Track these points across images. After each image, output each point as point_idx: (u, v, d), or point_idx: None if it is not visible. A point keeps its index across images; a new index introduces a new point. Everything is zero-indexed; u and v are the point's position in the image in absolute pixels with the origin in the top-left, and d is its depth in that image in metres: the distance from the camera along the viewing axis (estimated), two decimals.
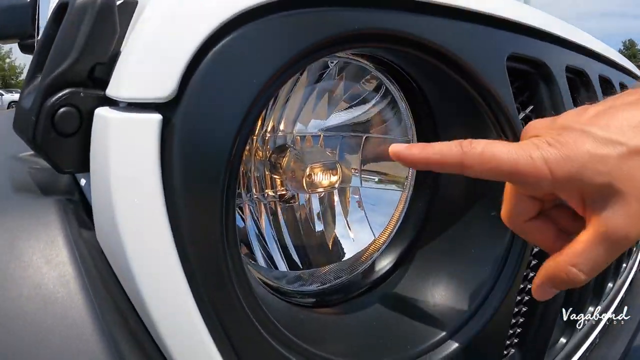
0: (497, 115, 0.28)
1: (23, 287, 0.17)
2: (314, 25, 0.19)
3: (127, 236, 0.18)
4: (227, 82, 0.18)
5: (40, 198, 0.23)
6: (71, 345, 0.16)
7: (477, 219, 0.30)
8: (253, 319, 0.20)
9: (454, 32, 0.26)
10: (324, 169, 0.29)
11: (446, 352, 0.27)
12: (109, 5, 0.20)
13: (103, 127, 0.19)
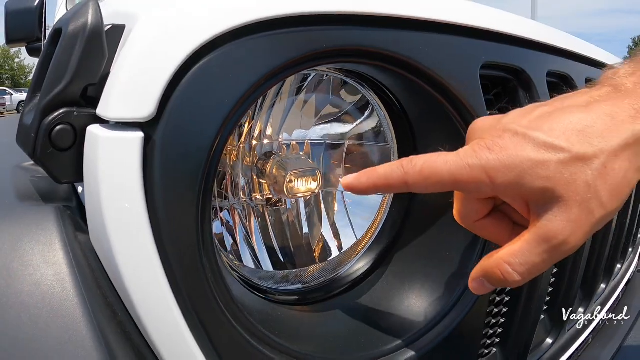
0: (468, 123, 0.30)
1: (24, 284, 0.20)
2: (280, 46, 0.22)
3: (114, 238, 0.21)
4: (201, 102, 0.21)
5: (40, 204, 0.26)
6: (65, 336, 0.19)
7: (451, 223, 0.32)
8: (226, 313, 0.22)
9: (423, 45, 0.28)
10: (304, 175, 0.32)
11: (419, 349, 0.30)
12: (98, 32, 0.23)
13: (94, 143, 0.22)
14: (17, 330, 0.19)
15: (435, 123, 0.32)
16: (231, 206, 0.35)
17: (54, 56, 0.24)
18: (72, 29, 0.24)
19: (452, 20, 0.29)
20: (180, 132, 0.21)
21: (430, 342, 0.30)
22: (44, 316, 0.20)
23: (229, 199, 0.34)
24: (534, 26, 0.40)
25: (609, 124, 0.20)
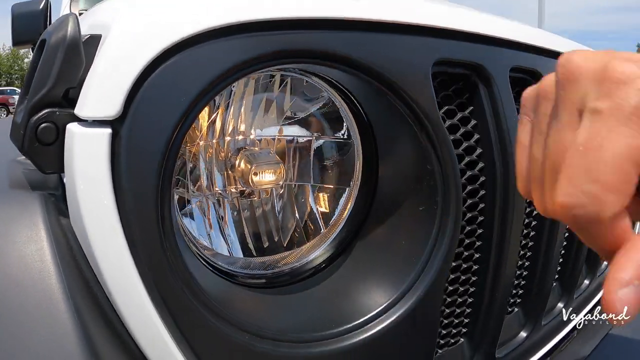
0: (420, 120, 0.33)
1: (10, 257, 0.25)
2: (227, 51, 0.26)
3: (87, 221, 0.25)
4: (160, 102, 0.25)
5: (29, 192, 0.31)
6: (42, 302, 0.24)
7: (408, 215, 0.36)
8: (185, 288, 0.26)
9: (373, 45, 0.31)
10: (267, 168, 0.36)
11: (373, 331, 0.33)
12: (76, 43, 0.28)
13: (71, 138, 0.26)
14: (2, 295, 0.23)
15: (391, 119, 0.35)
16: (205, 197, 0.39)
17: (39, 64, 0.29)
18: (53, 40, 0.28)
19: (401, 20, 0.32)
20: (143, 127, 0.25)
21: (384, 325, 0.33)
22: (25, 284, 0.24)
23: (203, 191, 0.38)
24: (496, 22, 0.43)
25: None
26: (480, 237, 0.40)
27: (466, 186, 0.38)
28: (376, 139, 0.37)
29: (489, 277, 0.41)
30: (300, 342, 0.31)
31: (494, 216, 0.39)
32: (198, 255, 0.33)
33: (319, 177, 0.41)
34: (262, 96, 0.37)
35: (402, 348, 0.35)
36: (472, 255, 0.41)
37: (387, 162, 0.37)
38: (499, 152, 0.39)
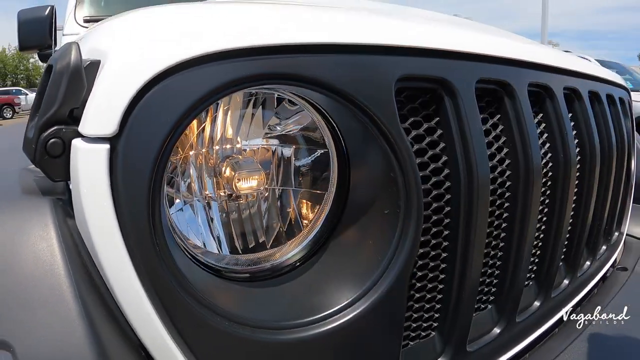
0: (382, 132, 0.37)
1: (24, 253, 0.30)
2: (204, 78, 0.31)
3: (90, 223, 0.30)
4: (150, 122, 0.30)
5: (40, 197, 0.36)
6: (51, 290, 0.29)
7: (375, 217, 0.40)
8: (172, 280, 0.31)
9: (335, 66, 0.35)
10: (250, 175, 0.41)
11: (342, 320, 0.38)
12: (78, 69, 0.33)
13: (76, 153, 0.32)
14: (16, 284, 0.29)
15: (359, 132, 0.40)
16: (197, 200, 0.44)
17: (47, 87, 0.34)
18: (59, 66, 0.33)
19: (363, 42, 0.37)
20: (135, 143, 0.30)
21: (352, 316, 0.38)
22: (37, 276, 0.29)
23: (194, 195, 0.43)
24: (461, 36, 0.47)
25: None
26: (446, 237, 0.45)
27: (432, 191, 0.43)
28: (348, 150, 0.42)
29: (455, 275, 0.46)
30: (277, 329, 0.36)
31: (459, 219, 0.44)
32: (188, 252, 0.38)
33: (300, 183, 0.46)
34: (246, 111, 0.42)
35: (369, 337, 0.39)
36: (440, 255, 0.45)
37: (358, 170, 0.41)
38: (463, 159, 0.43)
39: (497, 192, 0.50)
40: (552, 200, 0.62)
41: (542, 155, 0.59)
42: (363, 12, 0.45)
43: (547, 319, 0.70)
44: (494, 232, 0.52)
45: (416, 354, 0.48)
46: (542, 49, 0.65)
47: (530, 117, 0.52)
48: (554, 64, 0.62)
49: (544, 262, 0.65)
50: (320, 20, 0.37)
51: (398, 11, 0.63)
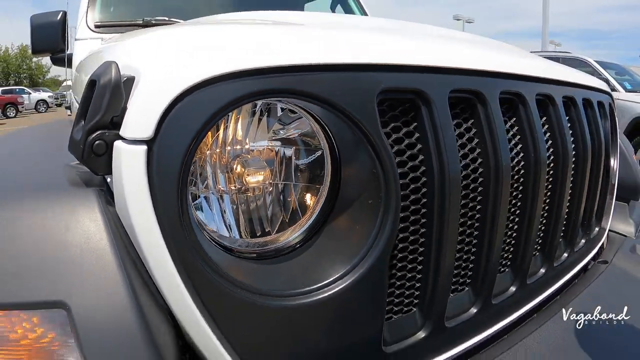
0: (366, 136, 0.45)
1: (77, 231, 0.38)
2: (219, 93, 0.38)
3: (131, 210, 0.38)
4: (178, 129, 0.38)
5: (85, 187, 0.44)
6: (99, 261, 0.37)
7: (361, 206, 0.48)
8: (197, 256, 0.39)
9: (328, 82, 0.43)
10: (257, 171, 0.48)
11: (334, 290, 0.46)
12: (118, 84, 0.41)
13: (117, 152, 0.39)
14: (70, 256, 0.37)
15: (348, 136, 0.48)
16: (211, 193, 0.51)
17: (93, 98, 0.42)
18: (102, 82, 0.41)
19: (350, 62, 0.44)
20: (167, 146, 0.38)
21: (342, 287, 0.46)
22: (87, 249, 0.37)
23: (210, 189, 0.51)
24: (438, 52, 0.54)
25: None
26: (423, 225, 0.53)
27: (410, 185, 0.51)
28: (339, 151, 0.49)
29: (432, 258, 0.54)
30: (280, 297, 0.44)
31: (433, 210, 0.51)
32: (207, 235, 0.46)
33: (300, 178, 0.54)
34: (254, 118, 0.50)
35: (356, 307, 0.47)
36: (417, 240, 0.53)
37: (347, 168, 0.49)
38: (437, 158, 0.51)
39: (469, 187, 0.58)
40: (525, 195, 0.70)
41: (515, 155, 0.67)
42: (351, 32, 0.53)
43: (523, 303, 0.77)
44: (468, 222, 0.60)
45: (399, 326, 0.55)
46: (517, 59, 0.72)
47: (501, 122, 0.60)
48: (526, 74, 0.70)
49: (518, 251, 0.73)
50: (313, 43, 0.45)
51: (388, 28, 0.70)
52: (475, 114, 0.58)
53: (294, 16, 0.70)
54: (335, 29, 0.56)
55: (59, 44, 1.77)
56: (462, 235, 0.59)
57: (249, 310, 0.42)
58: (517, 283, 0.75)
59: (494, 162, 0.58)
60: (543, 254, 0.84)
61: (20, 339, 0.38)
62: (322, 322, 0.46)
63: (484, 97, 0.58)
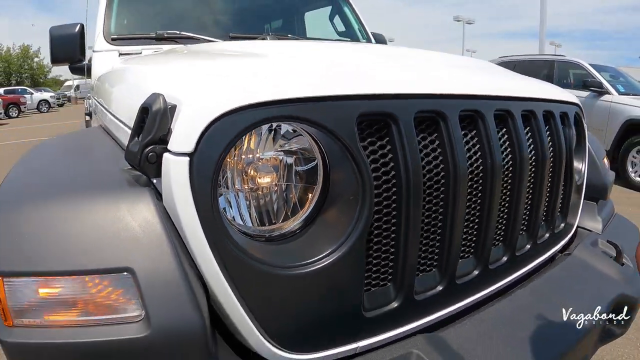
0: (347, 148, 0.61)
1: (137, 217, 0.54)
2: (240, 120, 0.54)
3: (177, 203, 0.54)
4: (212, 145, 0.53)
5: (139, 186, 0.60)
6: (156, 236, 0.52)
7: (344, 201, 0.63)
8: (225, 238, 0.54)
9: (319, 109, 0.59)
10: (266, 175, 0.64)
11: (324, 263, 0.61)
12: (165, 111, 0.56)
13: (166, 162, 0.55)
14: (134, 234, 0.52)
15: (335, 148, 0.63)
16: (231, 192, 0.67)
17: (147, 122, 0.57)
18: (154, 109, 0.57)
19: (337, 93, 0.60)
20: (204, 157, 0.53)
21: (330, 261, 0.61)
22: (146, 229, 0.53)
23: (230, 189, 0.67)
24: (407, 82, 0.70)
25: None
26: (393, 217, 0.68)
27: (382, 186, 0.66)
28: (328, 160, 0.65)
29: (400, 243, 0.69)
30: (284, 267, 0.59)
31: (401, 205, 0.67)
32: (229, 222, 0.61)
33: (299, 180, 0.69)
34: (263, 135, 0.65)
35: (341, 278, 0.62)
36: (389, 229, 0.69)
37: (334, 173, 0.65)
38: (404, 165, 0.66)
39: (432, 187, 0.73)
40: (484, 195, 0.85)
41: (474, 161, 0.82)
42: (338, 68, 0.69)
43: (486, 286, 0.92)
44: (432, 215, 0.75)
45: (376, 296, 0.71)
46: (482, 81, 0.88)
47: (459, 135, 0.75)
48: (485, 93, 0.85)
49: (479, 241, 0.88)
50: (309, 81, 0.60)
51: (364, 58, 0.86)
52: (438, 129, 0.74)
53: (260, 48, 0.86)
54: (325, 62, 0.72)
55: (76, 54, 1.92)
56: (426, 226, 0.74)
57: (261, 277, 0.57)
58: (479, 268, 0.90)
59: (452, 168, 0.74)
60: (505, 244, 0.98)
61: (97, 295, 0.54)
62: (315, 288, 0.61)
63: (445, 116, 0.74)
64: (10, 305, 0.54)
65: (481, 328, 0.79)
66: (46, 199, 0.59)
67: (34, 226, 0.56)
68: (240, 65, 0.64)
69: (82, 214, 0.56)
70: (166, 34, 1.78)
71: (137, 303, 0.53)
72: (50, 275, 0.54)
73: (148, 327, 0.52)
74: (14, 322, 0.55)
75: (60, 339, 0.53)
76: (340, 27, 2.49)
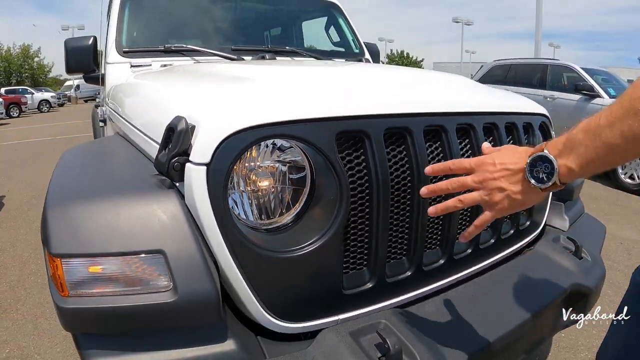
0: (328, 159, 0.78)
1: (166, 212, 0.71)
2: (245, 137, 0.71)
3: (197, 202, 0.71)
4: (223, 157, 0.70)
5: (166, 188, 0.76)
6: (182, 226, 0.69)
7: (326, 200, 0.81)
8: (234, 229, 0.71)
9: (307, 128, 0.76)
10: (265, 179, 0.81)
11: (311, 248, 0.78)
12: (187, 131, 0.73)
13: (188, 170, 0.72)
14: (164, 225, 0.69)
15: (320, 159, 0.80)
16: (236, 193, 0.84)
17: (173, 138, 0.74)
18: (179, 129, 0.74)
19: (319, 116, 0.77)
20: (218, 167, 0.70)
21: (316, 246, 0.78)
22: (174, 222, 0.70)
23: (236, 190, 0.84)
24: (378, 104, 0.87)
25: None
26: (366, 214, 0.85)
27: (357, 188, 0.83)
28: (314, 169, 0.82)
29: (372, 235, 0.86)
30: (280, 252, 0.76)
31: (373, 204, 0.84)
32: (237, 218, 0.78)
33: (291, 184, 0.86)
34: (262, 147, 0.82)
35: (324, 261, 0.79)
36: (363, 222, 0.86)
37: (319, 178, 0.82)
38: (375, 173, 0.83)
39: (400, 190, 0.90)
40: (446, 196, 1.02)
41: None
42: (322, 92, 0.86)
43: (451, 273, 1.09)
44: (400, 213, 0.92)
45: (353, 278, 0.88)
46: (448, 99, 1.04)
47: (423, 146, 0.92)
48: (448, 110, 1.02)
49: (444, 235, 1.05)
50: (298, 105, 0.77)
51: (344, 82, 1.04)
52: (405, 143, 0.91)
53: (260, 74, 1.03)
54: (313, 88, 0.89)
55: (90, 65, 2.09)
56: (395, 222, 0.91)
57: (261, 259, 0.74)
58: (444, 258, 1.06)
59: (417, 174, 0.91)
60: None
61: (135, 271, 0.71)
62: (303, 269, 0.78)
63: (411, 131, 0.91)
64: (66, 280, 0.71)
65: (441, 306, 0.96)
66: (94, 196, 0.76)
67: (85, 218, 0.72)
68: (244, 91, 0.81)
69: (124, 209, 0.73)
70: (173, 47, 1.95)
71: (166, 277, 0.70)
72: (98, 256, 0.71)
73: (175, 295, 0.69)
74: (69, 292, 0.72)
75: (105, 304, 0.70)
76: (335, 38, 2.66)
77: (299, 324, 0.82)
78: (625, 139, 0.50)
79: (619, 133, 0.50)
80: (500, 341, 0.93)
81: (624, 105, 0.50)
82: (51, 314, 2.33)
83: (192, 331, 0.73)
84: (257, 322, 0.80)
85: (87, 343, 0.73)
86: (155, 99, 1.11)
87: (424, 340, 0.82)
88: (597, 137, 0.53)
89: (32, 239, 3.44)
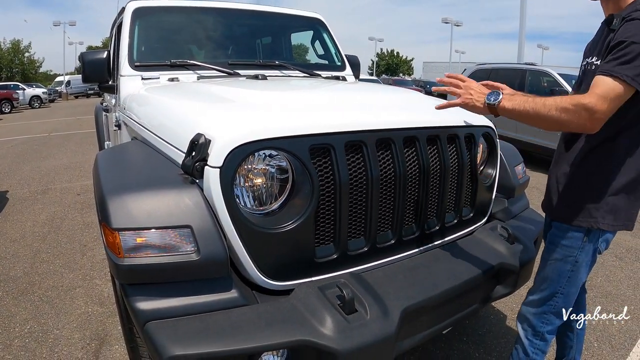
0: (305, 166, 1.12)
1: (191, 199, 1.04)
2: (248, 148, 1.04)
3: (213, 195, 1.04)
4: (232, 162, 1.04)
5: (190, 184, 1.10)
6: (203, 212, 1.03)
7: (304, 193, 1.15)
8: (240, 214, 1.05)
9: (289, 142, 1.10)
10: (259, 177, 1.15)
11: (292, 226, 1.13)
12: (206, 144, 1.07)
13: (207, 171, 1.06)
14: (190, 210, 1.03)
15: (300, 167, 1.14)
16: (238, 187, 1.17)
17: (195, 149, 1.08)
18: (200, 142, 1.07)
19: (296, 134, 1.11)
20: (227, 169, 1.04)
21: (295, 225, 1.12)
22: (196, 208, 1.03)
23: (239, 186, 1.17)
24: (340, 124, 1.21)
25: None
26: (332, 204, 1.19)
27: (325, 185, 1.17)
28: (295, 172, 1.16)
29: (337, 220, 1.21)
30: (270, 228, 1.10)
31: (336, 197, 1.18)
32: (239, 205, 1.12)
33: (279, 181, 1.20)
34: (258, 155, 1.16)
35: (301, 237, 1.14)
36: (330, 210, 1.20)
37: (297, 178, 1.16)
38: (338, 174, 1.17)
39: (357, 187, 1.24)
40: (395, 192, 1.37)
41: (387, 171, 1.33)
42: (301, 114, 1.20)
43: (400, 251, 1.44)
44: (358, 204, 1.26)
45: (323, 250, 1.23)
46: (396, 117, 1.39)
47: (374, 155, 1.27)
48: (396, 127, 1.36)
49: (394, 221, 1.39)
50: (285, 124, 1.11)
51: (319, 104, 1.38)
52: (362, 152, 1.25)
53: (256, 96, 1.38)
54: (288, 112, 1.23)
55: (105, 76, 2.39)
56: (353, 210, 1.26)
57: (256, 234, 1.08)
58: (394, 238, 1.41)
59: (370, 175, 1.25)
60: (415, 224, 1.50)
61: (171, 240, 1.04)
62: (287, 241, 1.12)
63: (365, 143, 1.25)
64: (122, 246, 1.04)
65: (387, 272, 1.31)
66: (140, 187, 1.09)
67: (135, 203, 1.05)
68: (245, 113, 1.15)
69: (162, 197, 1.06)
70: (178, 62, 2.26)
71: (192, 244, 1.03)
72: (144, 229, 1.03)
73: (198, 255, 1.02)
74: (124, 255, 1.04)
75: (150, 262, 1.03)
76: (320, 51, 2.99)
77: (283, 282, 1.16)
78: (531, 112, 1.07)
79: (532, 107, 1.06)
80: (430, 300, 1.27)
81: (548, 102, 1.03)
82: (65, 295, 2.61)
83: (208, 282, 1.07)
84: (253, 282, 1.14)
85: (132, 292, 1.06)
86: (177, 116, 1.44)
87: (371, 293, 1.16)
88: (527, 101, 1.08)
89: (40, 231, 3.70)
